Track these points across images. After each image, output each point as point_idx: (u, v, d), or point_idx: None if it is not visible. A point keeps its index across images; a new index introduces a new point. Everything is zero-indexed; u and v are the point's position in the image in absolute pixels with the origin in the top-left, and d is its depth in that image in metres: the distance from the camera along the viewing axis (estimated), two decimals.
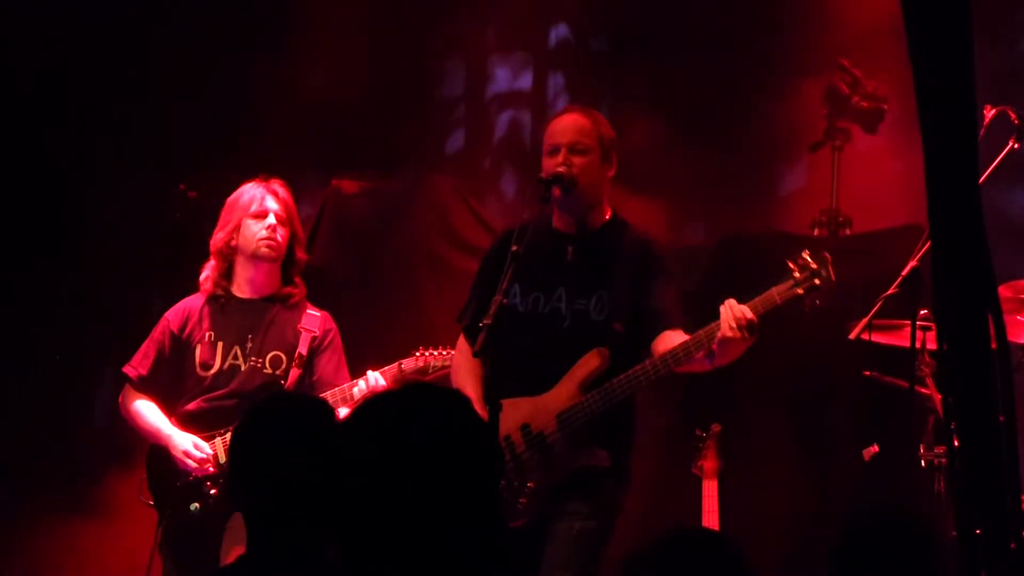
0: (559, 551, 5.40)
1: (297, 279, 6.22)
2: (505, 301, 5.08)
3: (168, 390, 6.15)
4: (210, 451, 5.96)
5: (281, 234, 6.10)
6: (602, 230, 5.64)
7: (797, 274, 5.37)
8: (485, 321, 5.03)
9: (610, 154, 5.62)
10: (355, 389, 6.00)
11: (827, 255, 5.42)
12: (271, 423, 3.57)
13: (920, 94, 2.59)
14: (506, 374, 5.42)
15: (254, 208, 6.09)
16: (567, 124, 5.59)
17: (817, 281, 5.36)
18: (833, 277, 5.38)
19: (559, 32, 8.81)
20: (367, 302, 7.88)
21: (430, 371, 6.12)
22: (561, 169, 5.48)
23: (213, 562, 5.84)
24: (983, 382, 2.61)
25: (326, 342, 6.17)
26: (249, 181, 6.21)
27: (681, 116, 8.54)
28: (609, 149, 5.61)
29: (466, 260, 7.77)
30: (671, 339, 5.41)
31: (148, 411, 6.10)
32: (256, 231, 6.07)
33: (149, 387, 6.16)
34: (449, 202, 8.27)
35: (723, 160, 8.40)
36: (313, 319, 6.17)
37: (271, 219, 6.07)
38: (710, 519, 6.80)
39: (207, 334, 6.10)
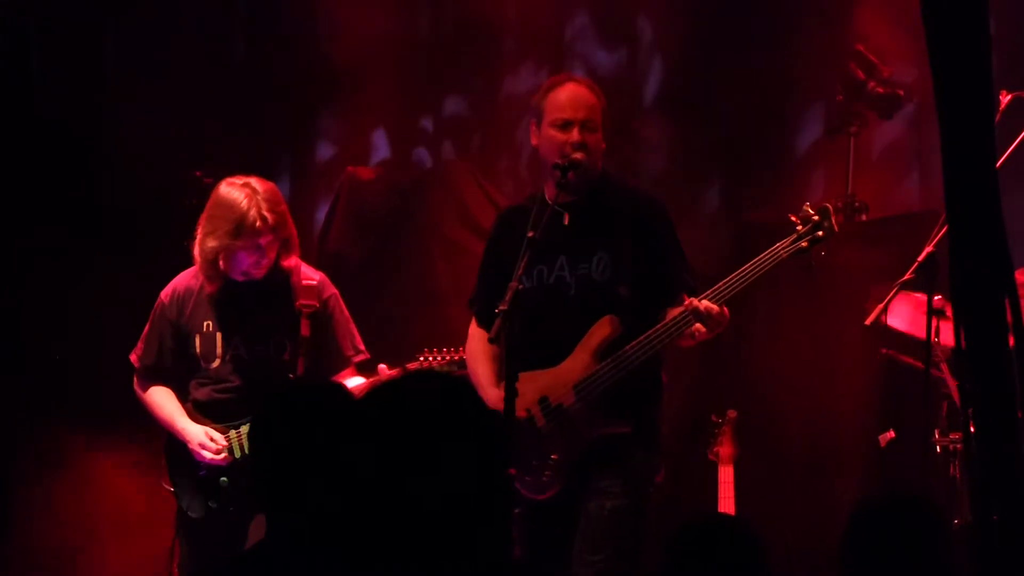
0: (591, 532, 5.41)
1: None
2: (521, 287, 5.08)
3: (177, 373, 6.01)
4: (224, 443, 5.83)
5: (270, 256, 5.81)
6: (595, 190, 5.58)
7: (800, 227, 5.40)
8: (501, 307, 5.03)
9: (606, 125, 5.59)
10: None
11: (828, 205, 5.46)
12: (289, 411, 3.57)
13: (937, 79, 2.59)
14: (522, 348, 5.39)
15: (246, 240, 5.74)
16: (578, 99, 5.52)
17: (820, 233, 5.40)
18: (836, 227, 5.40)
19: (577, 13, 8.77)
20: (383, 287, 7.88)
21: None
22: (579, 156, 5.45)
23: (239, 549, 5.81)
24: (999, 368, 2.61)
25: (328, 312, 5.94)
26: (234, 184, 5.82)
27: (696, 102, 8.53)
28: (606, 120, 5.59)
29: (481, 244, 7.75)
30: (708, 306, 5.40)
31: (162, 400, 5.97)
32: (248, 261, 5.79)
33: (158, 374, 6.02)
34: (464, 187, 8.26)
35: (738, 145, 8.39)
36: (311, 289, 5.92)
37: (263, 256, 5.79)
38: (726, 505, 6.81)
39: (204, 323, 5.91)
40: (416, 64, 8.71)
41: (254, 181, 5.85)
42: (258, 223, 5.73)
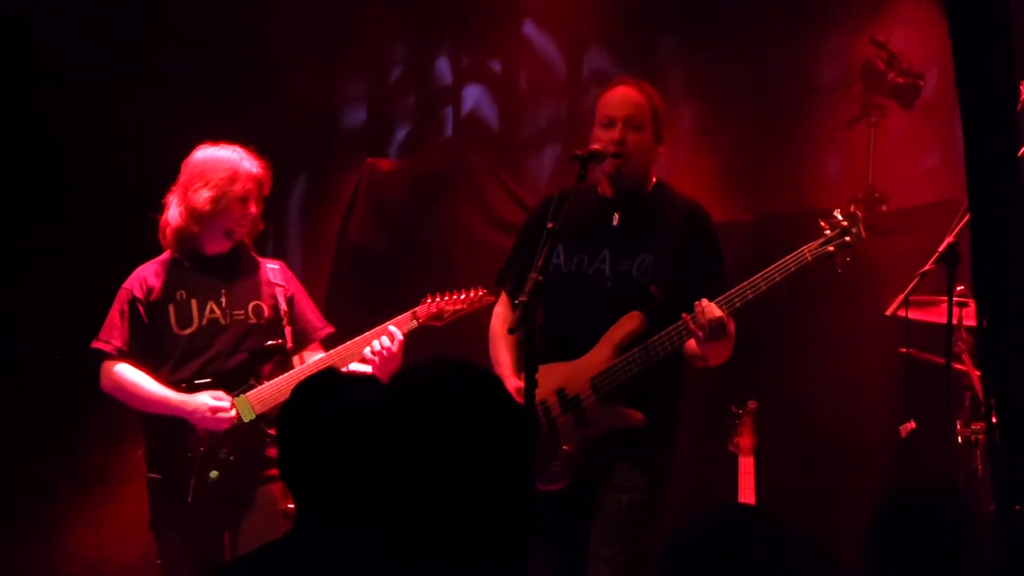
0: (607, 525, 5.45)
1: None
2: (540, 279, 5.07)
3: (143, 358, 5.94)
4: (228, 398, 5.80)
5: (253, 213, 5.96)
6: (647, 196, 5.65)
7: (828, 232, 5.42)
8: (520, 299, 5.04)
9: (661, 129, 5.64)
10: (367, 350, 5.84)
11: (858, 212, 5.47)
12: (321, 400, 3.57)
13: (959, 68, 2.59)
14: (551, 334, 5.55)
15: (239, 188, 5.91)
16: (623, 97, 5.59)
17: (848, 239, 5.43)
18: (864, 234, 5.42)
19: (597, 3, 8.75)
20: (402, 279, 7.87)
21: (445, 316, 5.97)
22: (597, 146, 5.49)
23: (232, 526, 5.83)
24: (1022, 358, 2.60)
25: (296, 290, 6.08)
26: (214, 145, 6.01)
27: (718, 95, 8.52)
28: (661, 124, 5.63)
29: (501, 237, 7.77)
30: (712, 310, 5.40)
31: (143, 380, 5.86)
32: (235, 214, 5.91)
33: (129, 357, 5.93)
34: (484, 179, 8.26)
35: (759, 137, 8.38)
36: (277, 272, 6.07)
37: (251, 207, 5.93)
38: (746, 496, 6.81)
39: (177, 292, 5.92)
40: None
41: (234, 145, 6.02)
42: (253, 171, 5.92)
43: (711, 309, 5.30)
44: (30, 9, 7.77)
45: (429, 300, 6.01)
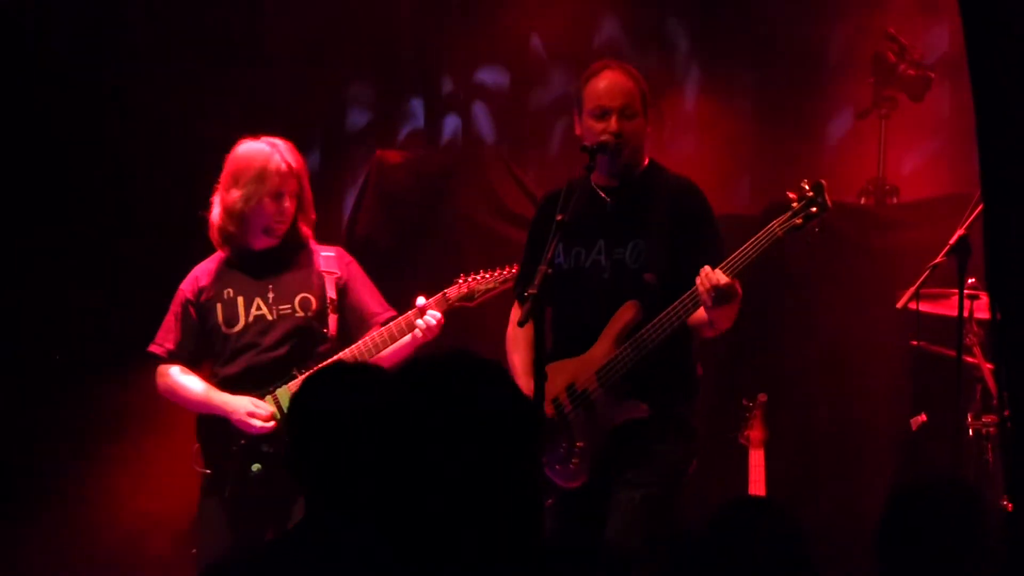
0: (623, 523, 5.43)
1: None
2: (549, 271, 5.06)
3: (196, 358, 6.05)
4: (270, 408, 5.86)
5: (290, 208, 5.97)
6: (639, 178, 5.63)
7: (795, 204, 5.39)
8: (530, 291, 5.03)
9: (648, 110, 5.61)
10: (416, 330, 5.87)
11: (823, 182, 5.42)
12: (329, 393, 3.56)
13: (972, 60, 2.56)
14: (557, 331, 5.57)
15: (270, 185, 5.91)
16: (614, 87, 5.54)
17: (814, 209, 5.39)
18: (830, 203, 5.38)
19: None
20: (411, 272, 7.85)
21: (476, 296, 5.97)
22: (606, 137, 5.47)
23: (276, 523, 5.81)
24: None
25: (350, 276, 6.08)
26: (252, 139, 6.02)
27: (726, 86, 8.50)
28: (648, 105, 5.60)
29: (510, 229, 7.76)
30: (718, 275, 5.34)
31: (190, 382, 5.98)
32: (271, 211, 5.93)
33: (180, 359, 6.05)
34: (493, 171, 8.24)
35: (769, 129, 8.36)
36: (330, 259, 6.08)
37: (287, 202, 5.94)
38: (756, 488, 6.80)
39: (225, 291, 5.99)
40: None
41: (272, 138, 6.03)
42: (283, 166, 5.93)
43: (718, 275, 5.26)
44: (30, 9, 7.75)
45: (460, 281, 6.02)
